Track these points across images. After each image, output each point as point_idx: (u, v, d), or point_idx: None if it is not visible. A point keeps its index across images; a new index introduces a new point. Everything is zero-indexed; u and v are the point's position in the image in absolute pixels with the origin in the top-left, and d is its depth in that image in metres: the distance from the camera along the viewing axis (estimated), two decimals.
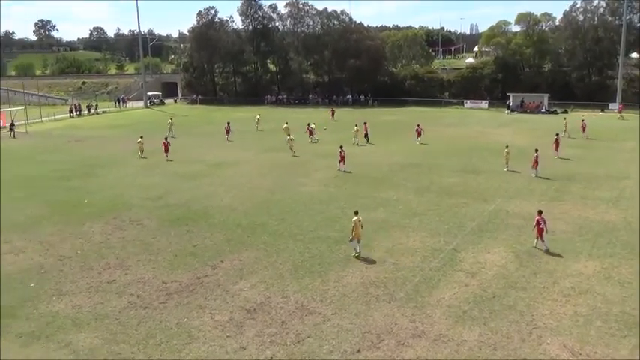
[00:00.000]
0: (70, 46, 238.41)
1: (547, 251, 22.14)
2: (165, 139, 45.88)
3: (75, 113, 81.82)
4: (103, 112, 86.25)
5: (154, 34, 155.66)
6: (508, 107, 75.29)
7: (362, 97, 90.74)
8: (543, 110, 73.24)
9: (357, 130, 49.55)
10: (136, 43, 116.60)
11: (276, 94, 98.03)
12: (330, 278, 20.03)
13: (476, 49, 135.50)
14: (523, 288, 18.92)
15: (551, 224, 25.34)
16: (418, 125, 50.99)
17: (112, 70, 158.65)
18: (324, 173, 37.30)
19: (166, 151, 44.30)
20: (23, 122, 66.69)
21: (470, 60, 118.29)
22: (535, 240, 22.66)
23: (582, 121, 51.96)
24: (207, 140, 53.62)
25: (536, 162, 34.96)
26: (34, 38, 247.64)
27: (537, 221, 22.41)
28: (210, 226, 26.44)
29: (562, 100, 74.50)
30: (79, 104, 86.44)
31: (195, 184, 34.99)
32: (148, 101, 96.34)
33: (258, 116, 63.48)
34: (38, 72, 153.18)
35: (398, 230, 25.23)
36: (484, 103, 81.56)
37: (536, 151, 35.55)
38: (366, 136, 49.49)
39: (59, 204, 30.84)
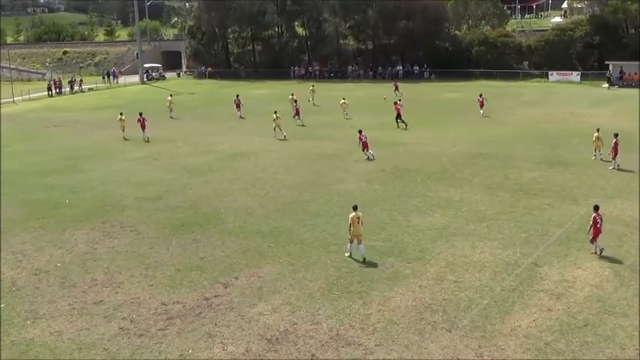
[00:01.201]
0: (49, 6, 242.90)
1: (600, 254, 22.65)
2: (140, 114, 48.70)
3: (54, 91, 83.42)
4: (89, 89, 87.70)
5: None
6: (608, 80, 74.08)
7: (416, 68, 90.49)
8: None
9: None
10: (130, 3, 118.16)
11: (306, 65, 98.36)
12: (374, 300, 20.03)
13: (565, 5, 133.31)
14: (624, 314, 18.65)
15: None
16: (480, 95, 54.41)
17: (101, 37, 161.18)
18: (367, 166, 37.31)
19: (143, 128, 47.98)
20: None
21: (557, 19, 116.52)
22: (594, 244, 23.07)
23: None
24: (218, 125, 54.08)
25: (615, 150, 34.91)
26: None
27: (594, 219, 22.79)
28: (222, 233, 26.67)
29: None
30: (60, 80, 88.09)
31: (204, 181, 35.35)
32: (145, 75, 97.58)
33: (312, 87, 66.14)
34: (10, 39, 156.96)
35: (461, 239, 25.09)
36: (575, 75, 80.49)
37: (616, 136, 35.27)
38: (399, 117, 49.85)
39: (35, 205, 31.46)
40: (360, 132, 39.33)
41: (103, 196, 32.75)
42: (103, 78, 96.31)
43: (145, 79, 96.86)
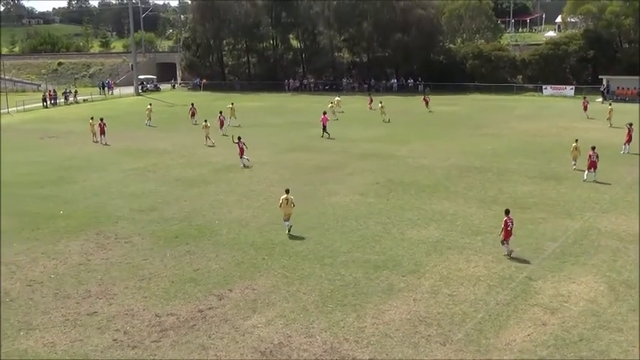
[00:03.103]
0: (44, 18, 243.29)
1: (510, 255, 24.26)
2: (101, 119, 52.65)
3: (49, 102, 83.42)
4: (84, 100, 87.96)
5: (147, 3, 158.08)
6: (603, 94, 74.58)
7: (410, 81, 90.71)
8: None
9: (382, 107, 59.65)
10: (126, 14, 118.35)
11: (301, 77, 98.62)
12: (368, 313, 20.02)
13: (559, 19, 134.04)
14: (619, 329, 18.67)
15: None
16: (425, 92, 58.47)
17: (96, 48, 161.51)
18: (362, 179, 37.34)
19: (102, 133, 51.73)
20: None
21: (551, 34, 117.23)
22: (504, 246, 24.60)
23: (585, 102, 60.54)
24: (213, 137, 54.00)
25: (592, 163, 35.51)
26: (1, 8, 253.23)
27: (505, 222, 24.23)
28: (216, 245, 26.65)
29: None
30: (55, 91, 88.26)
31: (198, 192, 35.33)
32: (140, 87, 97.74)
33: (338, 98, 67.33)
34: (4, 50, 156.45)
35: (455, 253, 25.12)
36: (569, 90, 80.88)
37: (593, 149, 35.74)
38: (325, 129, 51.48)
39: (29, 216, 31.38)
40: (239, 138, 41.68)
41: (96, 208, 32.70)
42: (99, 89, 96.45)
43: (140, 91, 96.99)
